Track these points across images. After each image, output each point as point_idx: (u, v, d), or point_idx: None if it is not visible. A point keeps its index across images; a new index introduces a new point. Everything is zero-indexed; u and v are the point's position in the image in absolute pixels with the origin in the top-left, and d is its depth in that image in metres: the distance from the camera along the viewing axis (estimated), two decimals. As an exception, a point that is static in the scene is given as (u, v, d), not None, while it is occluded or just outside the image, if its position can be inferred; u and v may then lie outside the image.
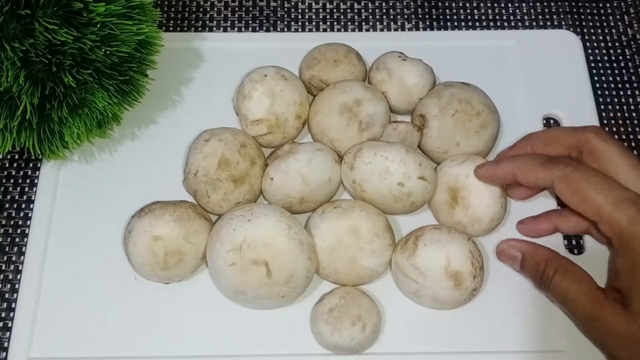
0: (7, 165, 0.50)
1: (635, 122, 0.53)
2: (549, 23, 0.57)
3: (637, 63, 0.56)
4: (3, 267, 0.47)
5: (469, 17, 0.57)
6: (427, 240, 0.43)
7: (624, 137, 0.53)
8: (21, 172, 0.50)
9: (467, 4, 0.58)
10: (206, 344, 0.44)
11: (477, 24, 0.57)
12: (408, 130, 0.46)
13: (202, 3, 0.57)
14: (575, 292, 0.41)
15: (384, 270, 0.44)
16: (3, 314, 0.45)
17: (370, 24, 0.57)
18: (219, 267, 0.42)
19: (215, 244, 0.43)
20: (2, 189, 0.49)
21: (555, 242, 0.47)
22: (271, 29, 0.56)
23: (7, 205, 0.49)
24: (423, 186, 0.44)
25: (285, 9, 0.57)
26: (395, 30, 0.57)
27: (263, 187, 0.46)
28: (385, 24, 0.57)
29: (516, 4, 0.58)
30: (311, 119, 0.49)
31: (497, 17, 0.57)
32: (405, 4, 0.58)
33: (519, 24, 0.57)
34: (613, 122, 0.53)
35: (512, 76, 0.53)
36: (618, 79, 0.55)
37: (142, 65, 0.46)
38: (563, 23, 0.57)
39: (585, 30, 0.57)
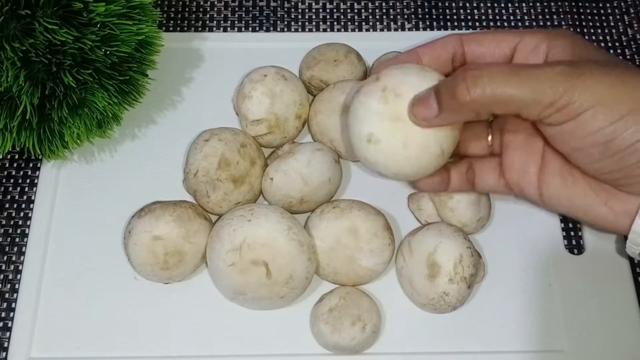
0: (7, 165, 0.50)
1: (635, 122, 0.53)
2: (549, 23, 0.57)
3: (637, 63, 0.56)
4: (3, 267, 0.47)
5: (469, 17, 0.57)
6: (431, 226, 0.44)
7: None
8: (21, 172, 0.50)
9: (467, 4, 0.58)
10: (206, 344, 0.44)
11: (477, 24, 0.57)
12: None
13: (202, 3, 0.57)
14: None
15: (383, 269, 0.44)
16: (3, 314, 0.45)
17: (370, 24, 0.57)
18: (218, 267, 0.42)
19: (215, 244, 0.43)
20: (2, 189, 0.49)
21: (555, 242, 0.47)
22: (271, 29, 0.56)
23: (7, 205, 0.49)
24: None
25: (285, 9, 0.57)
26: (395, 30, 0.56)
27: (263, 187, 0.46)
28: (385, 24, 0.57)
29: (516, 4, 0.58)
30: (311, 119, 0.49)
31: (497, 17, 0.57)
32: (405, 4, 0.58)
33: (519, 24, 0.57)
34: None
35: (512, 76, 0.53)
36: (618, 79, 0.55)
37: (142, 65, 0.46)
38: (563, 23, 0.57)
39: (585, 30, 0.57)
